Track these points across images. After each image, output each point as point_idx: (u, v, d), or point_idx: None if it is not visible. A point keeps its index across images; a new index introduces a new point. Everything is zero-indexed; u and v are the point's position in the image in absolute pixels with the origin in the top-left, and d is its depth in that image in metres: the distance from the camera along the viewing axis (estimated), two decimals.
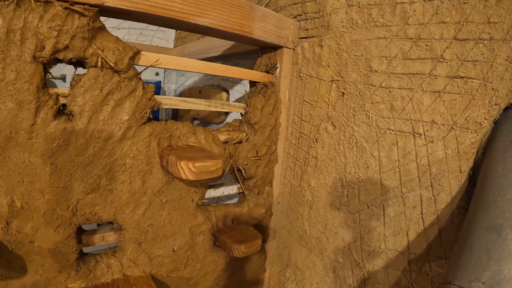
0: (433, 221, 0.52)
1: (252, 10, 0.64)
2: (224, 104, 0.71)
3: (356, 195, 0.64)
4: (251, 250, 0.67)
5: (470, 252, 0.38)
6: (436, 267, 0.52)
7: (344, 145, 0.66)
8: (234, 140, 0.71)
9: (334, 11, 0.67)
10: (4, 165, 0.45)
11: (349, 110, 0.65)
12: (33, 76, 0.44)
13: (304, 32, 0.75)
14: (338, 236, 0.68)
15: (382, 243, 0.59)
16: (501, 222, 0.37)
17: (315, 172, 0.73)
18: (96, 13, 0.46)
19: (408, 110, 0.55)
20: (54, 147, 0.47)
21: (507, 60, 0.43)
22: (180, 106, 0.62)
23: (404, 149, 0.56)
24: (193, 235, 0.66)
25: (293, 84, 0.79)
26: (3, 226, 0.46)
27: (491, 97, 0.45)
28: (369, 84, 0.61)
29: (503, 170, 0.41)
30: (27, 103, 0.44)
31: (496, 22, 0.44)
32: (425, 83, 0.52)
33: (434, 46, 0.51)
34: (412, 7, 0.53)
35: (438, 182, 0.51)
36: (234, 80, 1.18)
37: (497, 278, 0.35)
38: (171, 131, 0.60)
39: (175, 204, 0.62)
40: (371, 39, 0.60)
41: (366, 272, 0.63)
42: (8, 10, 0.41)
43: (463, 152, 0.49)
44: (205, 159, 0.54)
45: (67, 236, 0.51)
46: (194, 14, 0.55)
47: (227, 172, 0.70)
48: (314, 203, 0.74)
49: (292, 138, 0.80)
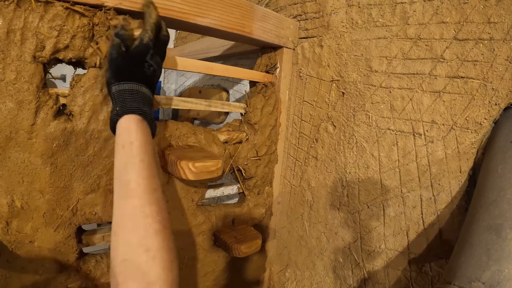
0: (433, 221, 0.52)
1: (252, 10, 0.64)
2: (224, 104, 0.71)
3: (356, 195, 0.64)
4: (251, 250, 0.67)
5: (470, 252, 0.38)
6: (436, 267, 0.52)
7: (344, 145, 0.66)
8: (234, 140, 0.71)
9: (334, 11, 0.67)
10: (4, 165, 0.45)
11: (349, 110, 0.65)
12: (33, 76, 0.44)
13: (304, 32, 0.75)
14: (338, 236, 0.68)
15: (382, 243, 0.59)
16: (501, 222, 0.37)
17: (315, 172, 0.73)
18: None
19: (408, 110, 0.55)
20: (54, 147, 0.47)
21: (507, 60, 0.44)
22: (180, 106, 0.62)
23: (404, 149, 0.56)
24: (193, 235, 0.66)
25: (293, 84, 0.79)
26: (3, 226, 0.46)
27: (491, 97, 0.45)
28: (369, 84, 0.61)
29: (503, 170, 0.41)
30: (27, 103, 0.44)
31: (496, 22, 0.44)
32: (425, 83, 0.52)
33: (434, 46, 0.51)
34: (412, 7, 0.53)
35: (438, 182, 0.51)
36: (234, 80, 1.18)
37: (497, 278, 0.35)
38: (171, 131, 0.60)
39: (175, 204, 0.62)
40: (371, 39, 0.60)
41: (366, 272, 0.63)
42: (8, 10, 0.41)
43: (463, 152, 0.49)
44: (205, 159, 0.54)
45: (67, 236, 0.51)
46: (194, 14, 0.55)
47: (227, 172, 0.70)
48: (314, 203, 0.74)
49: (292, 138, 0.80)
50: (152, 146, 0.40)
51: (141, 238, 0.33)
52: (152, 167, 0.38)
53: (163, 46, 0.47)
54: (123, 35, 0.41)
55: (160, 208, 0.36)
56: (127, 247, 0.33)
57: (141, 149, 0.38)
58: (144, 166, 0.37)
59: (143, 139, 0.39)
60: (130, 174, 0.36)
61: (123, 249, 0.33)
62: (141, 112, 0.41)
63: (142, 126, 0.40)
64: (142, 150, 0.38)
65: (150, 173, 0.37)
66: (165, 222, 0.36)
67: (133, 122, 0.39)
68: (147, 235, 0.33)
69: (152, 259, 0.32)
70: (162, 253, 0.33)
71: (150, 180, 0.37)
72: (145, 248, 0.32)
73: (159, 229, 0.34)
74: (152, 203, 0.35)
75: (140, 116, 0.41)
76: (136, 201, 0.35)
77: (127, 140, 0.38)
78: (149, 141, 0.40)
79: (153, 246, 0.33)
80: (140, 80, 0.42)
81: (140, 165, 0.37)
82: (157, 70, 0.45)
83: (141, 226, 0.34)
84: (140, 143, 0.38)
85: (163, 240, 0.34)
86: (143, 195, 0.35)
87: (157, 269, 0.32)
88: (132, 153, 0.37)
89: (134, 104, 0.41)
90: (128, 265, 0.32)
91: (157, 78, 0.46)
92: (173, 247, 0.35)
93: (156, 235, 0.34)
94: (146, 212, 0.34)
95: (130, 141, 0.38)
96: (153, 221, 0.34)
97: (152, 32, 0.43)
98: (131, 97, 0.41)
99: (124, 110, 0.40)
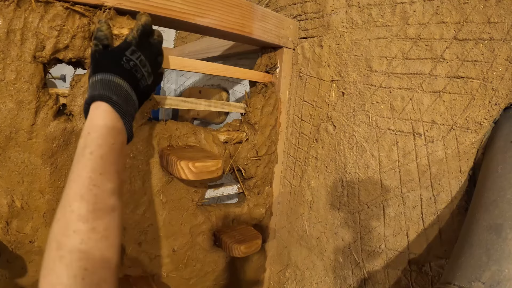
0: (433, 221, 0.52)
1: (252, 10, 0.64)
2: (224, 104, 0.71)
3: (356, 195, 0.64)
4: (251, 250, 0.67)
5: (470, 252, 0.38)
6: (436, 267, 0.52)
7: (344, 145, 0.66)
8: (234, 140, 0.71)
9: (334, 11, 0.67)
10: (4, 165, 0.45)
11: (349, 110, 0.65)
12: (33, 76, 0.44)
13: (304, 32, 0.75)
14: (338, 236, 0.68)
15: (382, 243, 0.59)
16: (501, 222, 0.37)
17: (315, 172, 0.73)
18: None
19: (408, 110, 0.55)
20: (54, 147, 0.47)
21: (507, 60, 0.44)
22: (180, 106, 0.62)
23: (404, 149, 0.56)
24: (193, 235, 0.66)
25: (293, 84, 0.79)
26: (3, 226, 0.46)
27: (491, 97, 0.45)
28: (369, 84, 0.61)
29: (503, 170, 0.41)
30: (27, 103, 0.44)
31: (496, 22, 0.44)
32: (425, 83, 0.52)
33: (434, 46, 0.51)
34: (412, 7, 0.53)
35: (438, 182, 0.51)
36: (234, 80, 1.18)
37: (497, 278, 0.35)
38: (171, 131, 0.60)
39: (175, 204, 0.62)
40: (371, 39, 0.60)
41: (366, 272, 0.63)
42: (9, 10, 0.41)
43: (463, 152, 0.49)
44: (205, 159, 0.54)
45: None
46: (194, 14, 0.55)
47: (227, 172, 0.70)
48: (314, 203, 0.74)
49: (292, 138, 0.80)
50: (112, 139, 0.37)
51: (61, 231, 0.32)
52: (103, 163, 0.35)
53: (154, 48, 0.47)
54: (100, 36, 0.41)
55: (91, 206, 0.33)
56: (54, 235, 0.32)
57: (96, 141, 0.36)
58: (93, 159, 0.35)
59: (101, 131, 0.36)
60: (76, 164, 0.35)
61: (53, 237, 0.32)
62: (110, 101, 0.38)
63: (105, 117, 0.37)
64: (96, 142, 0.36)
65: (98, 167, 0.35)
66: (88, 217, 0.33)
67: (98, 111, 0.37)
68: (66, 232, 0.31)
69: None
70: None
71: (93, 175, 0.34)
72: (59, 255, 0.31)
73: (79, 229, 0.32)
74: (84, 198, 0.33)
75: (109, 105, 0.38)
76: (69, 192, 0.33)
77: (86, 130, 0.36)
78: (110, 134, 0.37)
79: (66, 246, 0.31)
80: (115, 72, 0.41)
81: (89, 157, 0.35)
82: (138, 65, 0.43)
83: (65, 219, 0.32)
84: (97, 135, 0.36)
85: (80, 243, 0.32)
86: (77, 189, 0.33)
87: None
88: (86, 143, 0.35)
89: (102, 92, 0.38)
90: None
91: (140, 74, 0.44)
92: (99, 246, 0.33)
93: (75, 234, 0.32)
94: (73, 207, 0.32)
95: (88, 132, 0.36)
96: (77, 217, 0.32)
97: (137, 32, 0.43)
98: (102, 86, 0.39)
99: (91, 98, 0.38)
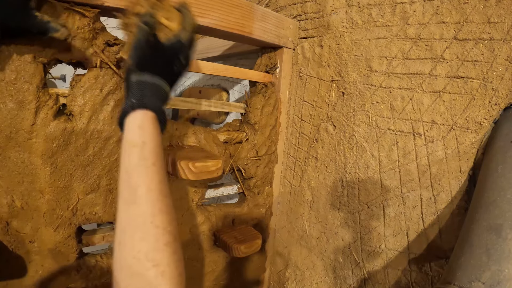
0: (433, 221, 0.52)
1: (252, 10, 0.64)
2: (224, 104, 0.71)
3: (356, 195, 0.64)
4: (251, 250, 0.67)
5: (470, 252, 0.38)
6: (436, 267, 0.52)
7: (344, 145, 0.66)
8: (234, 140, 0.71)
9: (334, 11, 0.67)
10: (4, 165, 0.45)
11: (349, 110, 0.65)
12: (33, 76, 0.44)
13: (304, 32, 0.75)
14: (338, 236, 0.68)
15: (382, 243, 0.59)
16: (501, 222, 0.37)
17: (315, 172, 0.73)
18: (97, 15, 0.46)
19: (408, 110, 0.55)
20: (54, 147, 0.47)
21: (507, 60, 0.44)
22: (180, 106, 0.62)
23: (404, 149, 0.56)
24: (193, 235, 0.66)
25: (293, 84, 0.79)
26: (3, 226, 0.46)
27: (491, 97, 0.45)
28: (369, 84, 0.61)
29: (503, 170, 0.41)
30: (27, 103, 0.44)
31: (496, 22, 0.44)
32: (425, 83, 0.52)
33: (434, 46, 0.51)
34: (412, 7, 0.53)
35: (438, 182, 0.51)
36: (234, 80, 1.17)
37: (497, 278, 0.35)
38: (171, 131, 0.60)
39: (175, 204, 0.62)
40: (371, 39, 0.60)
41: (366, 272, 0.63)
42: None
43: (463, 152, 0.49)
44: (205, 159, 0.54)
45: (67, 236, 0.51)
46: (194, 14, 0.55)
47: (227, 172, 0.70)
48: (314, 203, 0.74)
49: (292, 138, 0.80)
50: (162, 149, 0.37)
51: (150, 250, 0.31)
52: (163, 172, 0.35)
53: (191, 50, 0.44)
54: (151, 22, 0.37)
55: (171, 218, 0.34)
56: (135, 260, 0.31)
57: (154, 151, 0.34)
58: (157, 170, 0.34)
59: (157, 140, 0.35)
60: (140, 177, 0.33)
61: (131, 261, 0.31)
62: (159, 110, 0.37)
63: (157, 126, 0.36)
64: (155, 152, 0.34)
65: (162, 178, 0.34)
66: (175, 233, 0.33)
67: (149, 120, 0.36)
68: (157, 247, 0.31)
69: (161, 275, 0.30)
70: (171, 268, 0.31)
71: (161, 186, 0.34)
72: (154, 263, 0.30)
73: (169, 241, 0.32)
74: (163, 211, 0.33)
75: (156, 115, 0.37)
76: (146, 208, 0.32)
77: (139, 139, 0.34)
78: (161, 144, 0.37)
79: (162, 260, 0.31)
80: (165, 77, 0.39)
81: (153, 169, 0.34)
82: (182, 71, 0.42)
83: (151, 237, 0.31)
84: (154, 144, 0.35)
85: (173, 254, 0.32)
86: (154, 203, 0.32)
87: (166, 286, 0.30)
88: (144, 154, 0.34)
89: (153, 100, 0.37)
90: (136, 281, 0.30)
91: (179, 79, 0.43)
92: (181, 259, 0.33)
93: (166, 247, 0.31)
94: (157, 222, 0.32)
95: (142, 141, 0.34)
96: (163, 232, 0.32)
97: (192, 34, 0.41)
98: (152, 91, 0.37)
99: (141, 104, 0.36)
